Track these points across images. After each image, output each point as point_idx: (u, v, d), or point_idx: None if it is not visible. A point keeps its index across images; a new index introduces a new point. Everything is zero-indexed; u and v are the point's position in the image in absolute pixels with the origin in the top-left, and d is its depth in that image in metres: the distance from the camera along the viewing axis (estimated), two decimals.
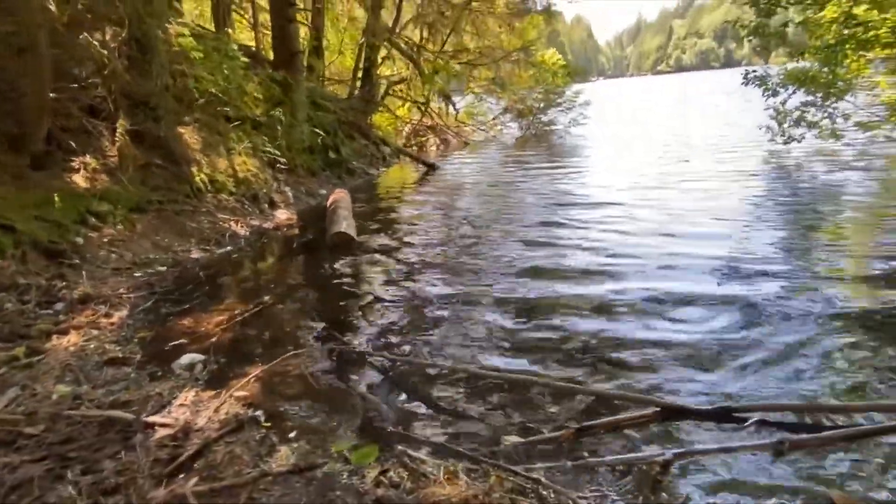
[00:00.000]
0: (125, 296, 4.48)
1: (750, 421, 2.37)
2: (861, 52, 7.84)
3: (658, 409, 2.48)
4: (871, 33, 7.06)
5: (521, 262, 4.97)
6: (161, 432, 2.56)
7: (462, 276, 4.79)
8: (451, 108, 17.80)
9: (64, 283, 4.46)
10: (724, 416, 2.44)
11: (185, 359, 3.36)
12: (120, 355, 3.46)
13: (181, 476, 2.25)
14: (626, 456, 2.24)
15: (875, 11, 7.33)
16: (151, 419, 2.66)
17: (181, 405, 2.82)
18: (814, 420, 2.41)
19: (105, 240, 5.26)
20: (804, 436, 2.25)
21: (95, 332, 3.81)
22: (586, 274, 4.53)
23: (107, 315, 4.11)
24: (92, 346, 3.61)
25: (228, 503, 2.07)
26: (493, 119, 18.39)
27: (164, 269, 5.18)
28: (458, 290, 4.41)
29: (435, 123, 16.55)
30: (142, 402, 2.88)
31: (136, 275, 4.97)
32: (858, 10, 7.31)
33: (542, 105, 17.88)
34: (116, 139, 6.05)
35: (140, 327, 3.93)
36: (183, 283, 4.87)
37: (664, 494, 2.03)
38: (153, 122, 6.47)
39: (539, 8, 15.58)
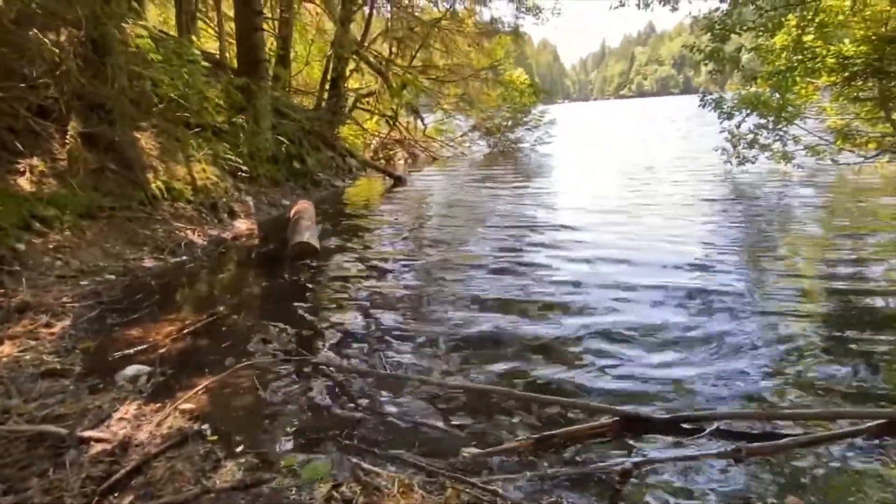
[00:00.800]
0: (69, 305, 4.24)
1: (708, 429, 2.38)
2: (809, 80, 8.26)
3: (617, 418, 2.47)
4: (818, 61, 7.45)
5: (483, 279, 4.93)
6: (97, 447, 2.39)
7: (424, 290, 4.73)
8: (419, 123, 17.87)
9: (1, 291, 4.20)
10: (682, 424, 2.44)
11: (130, 370, 3.18)
12: (58, 367, 3.25)
13: (115, 494, 2.10)
14: (586, 465, 2.20)
15: (821, 41, 7.75)
16: (87, 434, 2.48)
17: (121, 419, 2.65)
18: (769, 428, 2.43)
19: (50, 246, 4.99)
20: (760, 443, 2.27)
21: (33, 343, 3.58)
22: (545, 288, 4.55)
23: (47, 325, 3.87)
24: (28, 357, 3.38)
25: None
26: (462, 135, 18.54)
27: (113, 277, 4.94)
28: (418, 305, 4.35)
29: (403, 137, 16.56)
30: (78, 416, 2.69)
31: (83, 283, 4.71)
32: (807, 38, 7.71)
33: (509, 123, 18.15)
34: (67, 142, 5.78)
35: (83, 338, 3.71)
36: (133, 293, 4.65)
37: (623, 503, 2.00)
38: (107, 126, 6.23)
39: (507, 29, 15.86)
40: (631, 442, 2.38)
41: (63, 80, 5.96)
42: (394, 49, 15.16)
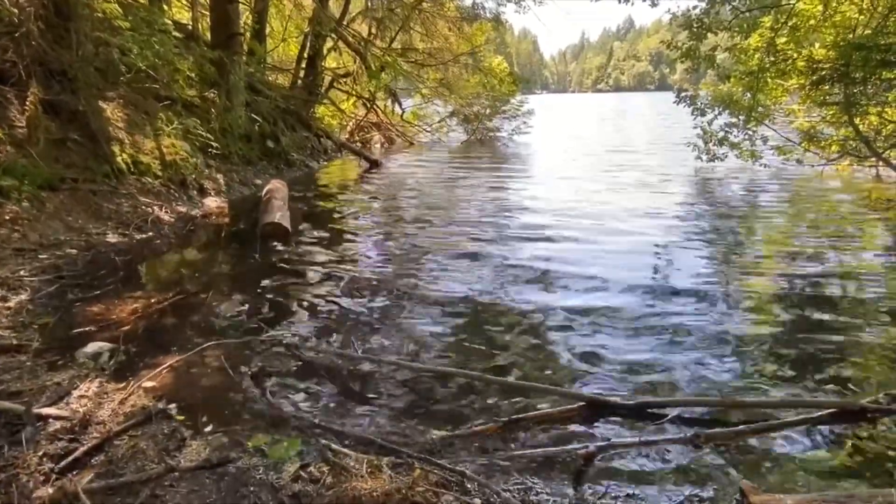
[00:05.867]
0: (27, 279, 4.08)
1: (669, 416, 2.46)
2: (780, 81, 8.50)
3: (583, 403, 2.53)
4: (790, 64, 7.66)
5: (457, 262, 4.96)
6: (55, 425, 2.32)
7: (396, 273, 4.72)
8: (397, 106, 17.66)
9: None
10: (645, 410, 2.52)
11: (91, 347, 3.08)
12: (14, 342, 3.14)
13: (74, 472, 2.04)
14: (551, 448, 2.25)
15: (793, 44, 7.97)
16: (45, 411, 2.41)
17: (82, 396, 2.58)
18: (726, 415, 2.52)
19: (7, 217, 4.78)
20: (718, 430, 2.35)
21: None
22: (518, 273, 4.59)
23: (3, 299, 3.72)
24: None
25: (126, 502, 1.90)
26: (440, 121, 18.40)
27: (74, 252, 4.77)
28: (390, 287, 4.34)
29: (380, 121, 16.35)
30: (36, 393, 2.61)
31: (42, 257, 4.54)
32: (780, 41, 7.91)
33: (487, 111, 18.10)
34: (26, 109, 5.51)
35: (41, 313, 3.58)
36: (95, 268, 4.50)
37: (587, 486, 2.06)
38: (71, 94, 5.97)
39: (488, 15, 15.74)
40: (595, 427, 2.44)
41: (22, 43, 5.67)
42: (373, 29, 14.89)
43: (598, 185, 8.80)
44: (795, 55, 7.73)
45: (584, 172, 10.41)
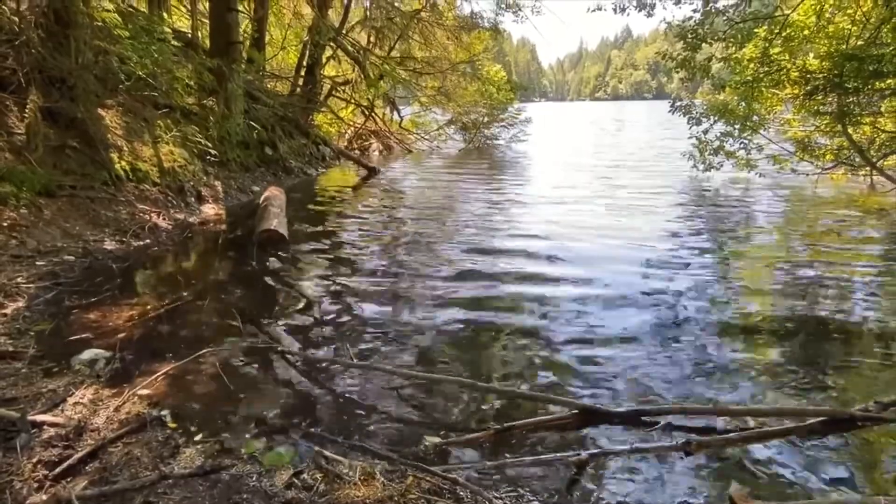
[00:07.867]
0: (24, 285, 4.09)
1: (661, 423, 2.48)
2: (774, 91, 8.56)
3: (576, 411, 2.54)
4: (783, 74, 7.73)
5: (452, 272, 4.96)
6: (50, 432, 2.33)
7: (392, 280, 4.74)
8: (395, 114, 17.75)
9: None
10: (637, 418, 2.53)
11: (87, 354, 3.10)
12: (10, 349, 3.15)
13: (68, 479, 2.05)
14: (544, 456, 2.27)
15: (787, 55, 8.05)
16: (40, 418, 2.42)
17: (77, 403, 2.59)
18: (719, 423, 2.54)
19: (4, 224, 4.80)
20: (709, 437, 2.37)
21: None
22: (511, 283, 4.62)
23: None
24: None
25: None
26: (438, 129, 18.48)
27: (72, 258, 4.79)
28: (385, 295, 4.35)
29: (378, 128, 16.42)
30: (31, 400, 2.62)
31: (39, 263, 4.55)
32: (774, 51, 8.00)
33: (485, 119, 18.19)
34: (26, 116, 5.54)
35: (38, 320, 3.60)
36: (92, 275, 4.52)
37: (579, 493, 2.07)
38: (70, 102, 6.01)
39: (486, 24, 15.86)
40: (588, 434, 2.45)
41: (23, 50, 5.71)
42: (372, 38, 14.99)
43: (594, 205, 8.21)
44: (789, 65, 7.81)
45: (579, 189, 9.87)
